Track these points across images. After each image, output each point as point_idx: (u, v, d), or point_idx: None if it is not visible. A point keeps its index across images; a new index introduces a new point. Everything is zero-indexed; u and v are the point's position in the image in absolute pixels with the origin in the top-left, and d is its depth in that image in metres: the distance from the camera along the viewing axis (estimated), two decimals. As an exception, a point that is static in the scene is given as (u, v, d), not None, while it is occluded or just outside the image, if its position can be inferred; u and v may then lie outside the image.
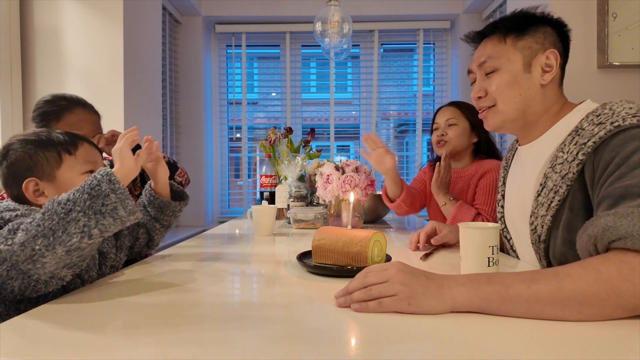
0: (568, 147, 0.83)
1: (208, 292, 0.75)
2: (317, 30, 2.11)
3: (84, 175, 0.85)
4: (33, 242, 0.63)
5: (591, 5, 1.89)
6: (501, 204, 1.08)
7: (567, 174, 0.81)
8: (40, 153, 0.81)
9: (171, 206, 1.06)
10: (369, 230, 0.88)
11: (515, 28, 0.93)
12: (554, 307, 0.57)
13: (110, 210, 0.67)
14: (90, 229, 0.65)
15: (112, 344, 0.52)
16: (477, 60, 0.98)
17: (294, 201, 1.76)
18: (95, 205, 0.66)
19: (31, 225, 0.64)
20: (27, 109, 1.98)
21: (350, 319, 0.61)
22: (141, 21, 2.19)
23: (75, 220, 0.65)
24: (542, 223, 0.86)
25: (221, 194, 3.31)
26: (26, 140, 0.82)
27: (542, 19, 0.93)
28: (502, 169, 1.13)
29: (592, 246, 0.64)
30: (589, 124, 0.81)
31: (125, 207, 0.69)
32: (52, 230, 0.63)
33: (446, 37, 3.21)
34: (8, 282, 0.68)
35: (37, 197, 0.80)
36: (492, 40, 0.96)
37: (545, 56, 0.91)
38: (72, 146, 0.85)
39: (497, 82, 0.93)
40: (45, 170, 0.81)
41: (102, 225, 0.67)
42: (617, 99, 0.83)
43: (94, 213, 0.66)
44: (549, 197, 0.84)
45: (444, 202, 1.50)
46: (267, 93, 3.53)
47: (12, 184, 0.81)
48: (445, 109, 1.64)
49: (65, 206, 0.65)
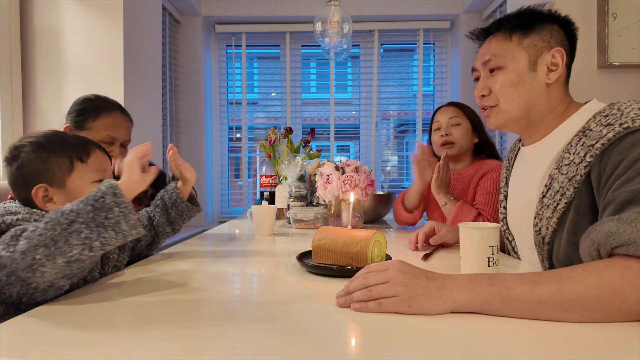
0: (575, 148, 0.82)
1: (208, 292, 0.75)
2: (317, 30, 2.11)
3: (94, 185, 0.83)
4: (34, 251, 0.62)
5: (591, 5, 1.89)
6: (503, 205, 1.07)
7: (575, 176, 0.80)
8: (53, 159, 0.80)
9: (191, 212, 1.10)
10: (369, 230, 0.88)
11: (521, 25, 0.91)
12: (556, 310, 0.57)
13: (113, 223, 0.67)
14: (92, 241, 0.65)
15: (112, 344, 0.52)
16: (482, 58, 0.96)
17: (294, 201, 1.76)
18: (99, 217, 0.66)
19: (33, 234, 0.64)
20: (27, 109, 1.98)
21: (350, 319, 0.61)
22: (141, 21, 2.19)
23: (77, 231, 0.64)
24: (547, 225, 0.85)
25: (221, 194, 3.31)
26: (38, 144, 0.81)
27: (549, 17, 0.92)
28: (504, 169, 1.12)
29: (595, 251, 0.64)
30: (597, 124, 0.80)
31: (127, 221, 0.69)
32: (53, 241, 0.63)
33: (446, 37, 3.21)
34: (7, 287, 0.68)
35: (46, 203, 0.79)
36: (497, 37, 0.94)
37: (551, 54, 0.89)
38: (85, 153, 0.84)
39: (501, 81, 0.92)
40: (56, 177, 0.80)
41: (104, 239, 0.67)
42: (624, 99, 0.81)
43: (97, 225, 0.66)
44: (555, 199, 0.83)
45: (445, 202, 1.50)
46: (267, 93, 3.53)
47: (21, 186, 0.80)
48: (447, 108, 1.62)
49: (69, 217, 0.65)
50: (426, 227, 1.15)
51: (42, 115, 1.97)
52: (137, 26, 2.13)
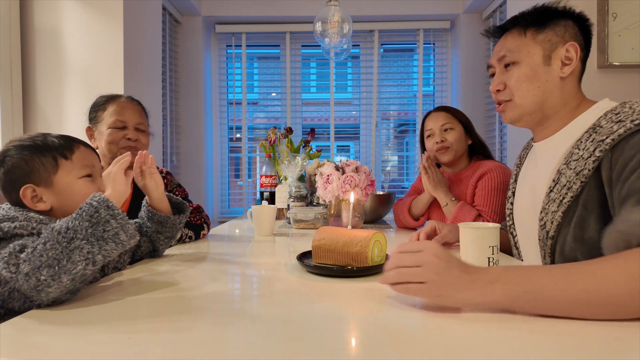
0: (584, 144, 0.82)
1: (208, 292, 0.75)
2: (317, 30, 2.11)
3: (82, 180, 0.84)
4: (38, 272, 0.63)
5: (591, 5, 1.89)
6: (511, 201, 1.08)
7: (582, 171, 0.80)
8: (36, 159, 0.81)
9: (170, 220, 1.03)
10: (369, 231, 0.88)
11: (535, 21, 0.93)
12: (588, 307, 0.56)
13: (112, 235, 0.69)
14: (94, 255, 0.66)
15: (113, 344, 0.52)
16: (497, 54, 0.97)
17: (294, 201, 1.76)
18: (97, 232, 0.67)
19: (34, 255, 0.64)
20: (27, 109, 1.98)
21: (350, 319, 0.61)
22: (141, 21, 2.18)
23: (79, 248, 0.65)
24: (552, 219, 0.85)
25: (221, 194, 3.31)
26: (22, 146, 0.81)
27: (563, 13, 0.93)
28: (514, 167, 1.13)
29: (623, 242, 0.63)
30: (607, 121, 0.80)
31: (126, 232, 0.71)
32: (56, 260, 0.64)
33: (446, 37, 3.21)
34: (9, 301, 0.69)
35: (36, 204, 0.80)
36: (512, 34, 0.96)
37: (565, 49, 0.90)
38: (68, 150, 0.84)
39: (516, 75, 0.93)
40: (42, 176, 0.81)
41: (105, 251, 0.68)
42: (633, 99, 0.82)
43: (97, 239, 0.67)
44: (561, 193, 0.84)
45: (446, 202, 1.50)
46: (267, 93, 3.53)
47: (10, 190, 0.80)
48: (437, 114, 1.60)
49: (67, 235, 0.65)
50: (427, 227, 1.15)
51: (42, 115, 1.97)
52: (137, 26, 2.13)
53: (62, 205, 0.81)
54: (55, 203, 0.81)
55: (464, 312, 0.61)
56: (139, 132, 1.35)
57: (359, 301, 0.70)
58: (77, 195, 0.82)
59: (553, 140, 0.93)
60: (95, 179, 0.87)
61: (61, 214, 0.80)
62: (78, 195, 0.82)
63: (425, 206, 1.62)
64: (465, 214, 1.42)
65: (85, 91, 1.94)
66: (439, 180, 1.53)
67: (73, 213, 0.69)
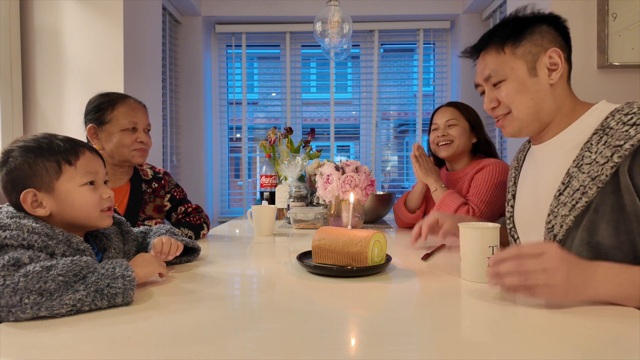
0: (596, 147, 0.82)
1: (208, 292, 0.75)
2: (317, 30, 2.11)
3: (84, 187, 0.82)
4: (26, 294, 0.61)
5: (591, 5, 1.89)
6: (511, 204, 1.07)
7: (599, 176, 0.80)
8: (39, 162, 0.79)
9: (183, 260, 1.02)
10: (369, 231, 0.88)
11: (510, 36, 0.92)
12: None
13: (112, 295, 0.66)
14: (83, 305, 0.64)
15: (112, 344, 0.52)
16: (482, 74, 0.97)
17: (294, 201, 1.76)
18: (101, 282, 0.66)
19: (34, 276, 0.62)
20: (27, 109, 1.98)
21: (350, 319, 0.61)
22: (141, 21, 2.18)
23: (75, 291, 0.64)
24: (562, 223, 0.84)
25: (221, 194, 3.31)
26: (26, 148, 0.80)
27: (535, 19, 0.92)
28: (512, 169, 1.12)
29: None
30: (618, 123, 0.80)
31: (125, 297, 0.68)
32: (49, 292, 0.62)
33: (446, 37, 3.21)
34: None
35: (35, 209, 0.78)
36: (490, 53, 0.95)
37: (547, 56, 0.89)
38: (73, 156, 0.82)
39: (506, 90, 0.92)
40: (44, 181, 0.79)
41: (95, 305, 0.65)
42: (637, 98, 0.83)
43: (95, 290, 0.65)
44: (574, 197, 0.83)
45: (435, 187, 1.52)
46: (267, 93, 3.53)
47: (11, 191, 0.79)
48: (445, 110, 1.62)
49: (82, 271, 0.66)
50: (429, 219, 1.14)
51: (42, 115, 1.97)
52: (137, 26, 2.13)
53: (61, 212, 0.79)
54: (55, 209, 0.79)
55: (463, 312, 0.61)
56: (146, 134, 1.38)
57: (359, 301, 0.70)
58: (77, 203, 0.80)
59: (553, 142, 0.93)
60: (97, 186, 0.84)
61: (60, 220, 0.79)
62: (78, 203, 0.80)
63: (420, 196, 1.62)
64: (450, 201, 1.41)
65: (85, 91, 1.93)
66: (429, 168, 1.55)
67: (100, 262, 0.69)
